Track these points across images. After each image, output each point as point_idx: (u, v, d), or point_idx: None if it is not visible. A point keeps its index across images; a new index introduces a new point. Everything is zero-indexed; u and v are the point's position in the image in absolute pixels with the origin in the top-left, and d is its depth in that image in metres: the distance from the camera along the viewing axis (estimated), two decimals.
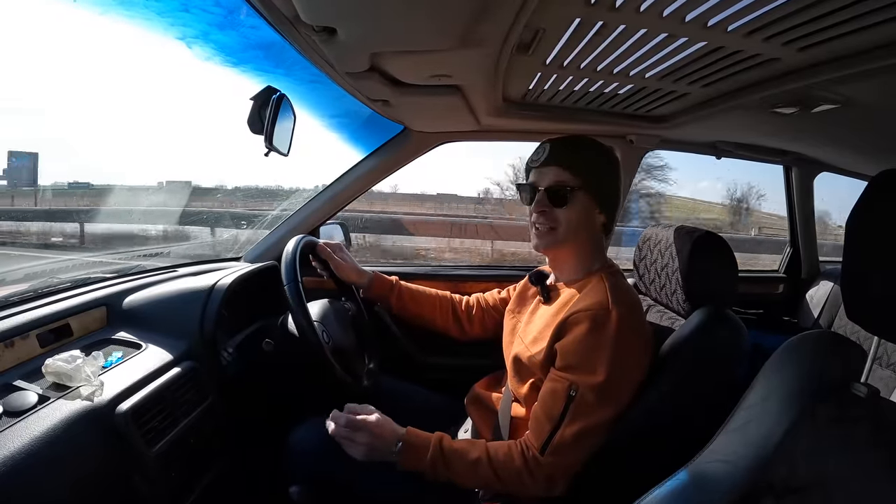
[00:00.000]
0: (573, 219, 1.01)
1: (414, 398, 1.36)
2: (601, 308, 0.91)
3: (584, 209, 1.01)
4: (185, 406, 0.99)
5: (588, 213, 1.02)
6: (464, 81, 1.08)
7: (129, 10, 1.05)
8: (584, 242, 1.04)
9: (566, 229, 1.01)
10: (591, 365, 0.89)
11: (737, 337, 0.99)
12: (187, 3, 1.03)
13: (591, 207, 1.02)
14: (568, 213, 1.00)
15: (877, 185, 0.55)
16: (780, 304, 2.11)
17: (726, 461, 0.61)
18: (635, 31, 0.79)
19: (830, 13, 0.67)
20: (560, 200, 1.00)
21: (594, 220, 1.03)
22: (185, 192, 7.21)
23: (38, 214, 6.65)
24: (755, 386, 0.67)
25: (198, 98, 72.80)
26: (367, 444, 0.95)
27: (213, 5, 1.02)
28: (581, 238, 1.03)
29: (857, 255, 0.58)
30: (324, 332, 1.14)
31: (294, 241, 1.19)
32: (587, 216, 1.02)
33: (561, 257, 1.07)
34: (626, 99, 1.22)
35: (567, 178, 1.00)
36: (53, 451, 0.73)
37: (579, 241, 1.03)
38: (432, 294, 1.38)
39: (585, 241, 1.04)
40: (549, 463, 0.90)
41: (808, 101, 1.01)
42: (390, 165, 1.64)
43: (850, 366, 0.61)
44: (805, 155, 1.84)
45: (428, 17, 0.73)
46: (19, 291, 1.06)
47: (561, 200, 1.00)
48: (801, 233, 2.11)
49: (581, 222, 1.01)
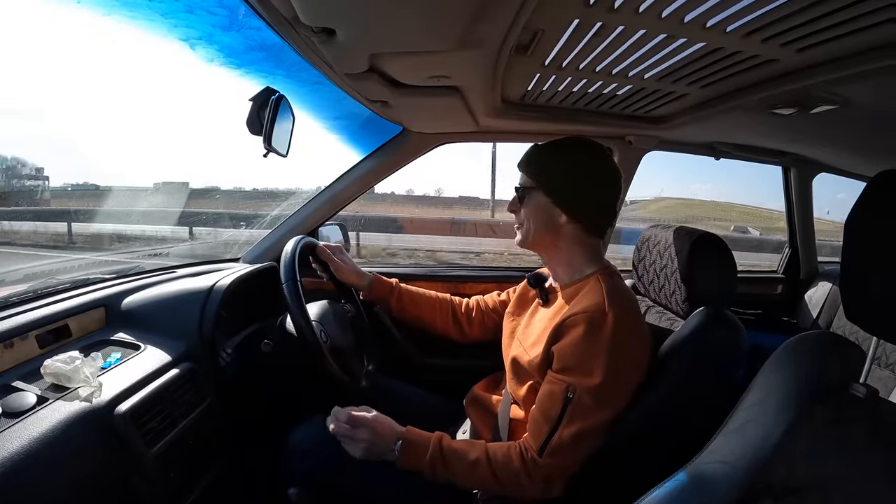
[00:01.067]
0: (531, 217, 1.05)
1: (413, 399, 1.36)
2: (597, 310, 0.92)
3: (540, 209, 1.04)
4: (183, 407, 0.99)
5: (545, 212, 1.03)
6: (462, 82, 1.08)
7: (132, 11, 1.04)
8: (562, 243, 1.05)
9: (527, 227, 1.07)
10: (587, 367, 0.89)
11: (736, 337, 0.99)
12: (191, 5, 1.03)
13: (549, 207, 1.03)
14: (526, 212, 1.06)
15: (875, 186, 0.55)
16: (779, 304, 2.11)
17: (725, 462, 0.61)
18: (634, 31, 0.79)
19: (829, 14, 0.67)
20: (519, 200, 1.07)
21: (555, 219, 1.03)
22: (184, 193, 7.26)
23: (48, 214, 6.71)
24: (754, 387, 0.67)
25: (202, 100, 72.90)
26: (366, 441, 0.95)
27: (218, 6, 1.01)
28: (550, 238, 1.05)
29: (856, 256, 0.58)
30: (321, 332, 1.14)
31: (293, 241, 1.19)
32: (545, 215, 1.03)
33: (550, 258, 1.09)
34: (625, 100, 1.22)
35: (524, 180, 1.07)
36: (52, 452, 0.73)
37: (550, 240, 1.05)
38: (432, 297, 1.39)
39: (562, 242, 1.05)
40: (546, 464, 0.90)
41: (806, 102, 1.01)
42: (389, 166, 1.64)
43: (849, 366, 0.61)
44: (804, 156, 1.84)
45: (426, 19, 0.73)
46: (18, 292, 1.06)
47: (520, 200, 1.07)
48: (799, 233, 2.11)
49: (540, 221, 1.04)
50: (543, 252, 1.09)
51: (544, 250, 1.09)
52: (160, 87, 65.19)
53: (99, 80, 70.58)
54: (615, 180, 1.04)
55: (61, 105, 66.44)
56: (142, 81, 61.75)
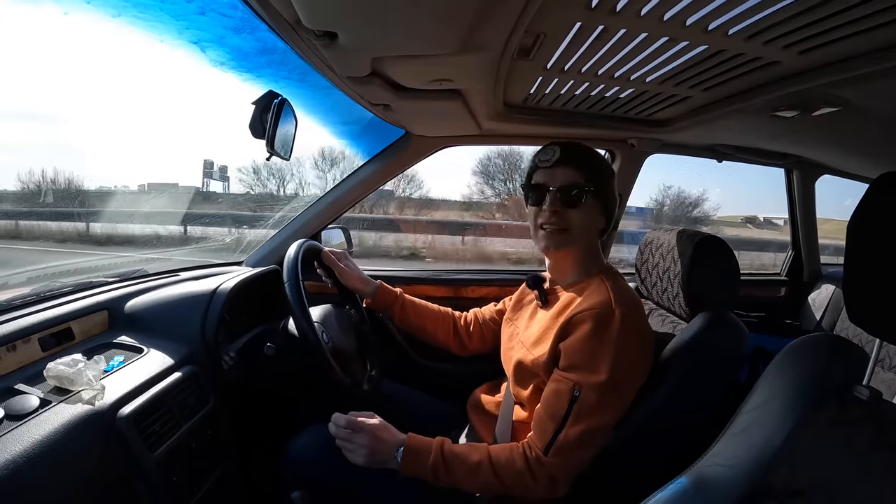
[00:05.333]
0: (584, 220, 1.02)
1: (415, 403, 1.36)
2: (604, 307, 0.92)
3: (593, 212, 1.03)
4: (186, 410, 0.99)
5: (595, 216, 1.04)
6: (465, 86, 1.08)
7: (142, 12, 1.04)
8: (588, 245, 1.06)
9: (579, 231, 1.02)
10: (594, 364, 0.89)
11: (739, 340, 0.99)
12: (204, 7, 1.02)
13: (597, 211, 1.04)
14: (580, 215, 1.01)
15: (878, 188, 0.55)
16: (782, 307, 2.11)
17: (728, 465, 0.60)
18: (636, 35, 0.80)
19: (830, 16, 0.67)
20: (573, 202, 1.01)
21: (598, 223, 1.05)
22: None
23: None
24: (757, 389, 0.67)
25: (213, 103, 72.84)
26: (367, 448, 0.95)
27: (231, 8, 1.01)
28: (587, 240, 1.05)
29: (859, 258, 0.58)
30: (324, 333, 1.14)
31: (296, 244, 1.19)
32: (594, 219, 1.04)
33: (564, 259, 1.08)
34: (627, 103, 1.22)
35: (580, 179, 1.01)
36: (55, 455, 0.73)
37: (586, 243, 1.05)
38: (435, 309, 1.39)
39: (589, 244, 1.06)
40: (552, 464, 0.90)
41: (808, 104, 1.01)
42: (391, 170, 1.64)
43: (852, 368, 0.61)
44: (806, 158, 1.84)
45: (429, 22, 0.73)
46: (22, 295, 1.06)
47: (574, 202, 1.01)
48: (802, 236, 2.11)
49: (590, 225, 1.04)
50: (567, 255, 1.06)
51: (570, 253, 1.06)
52: (176, 93, 65.17)
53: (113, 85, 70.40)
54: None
55: (75, 110, 66.53)
56: (160, 88, 61.61)
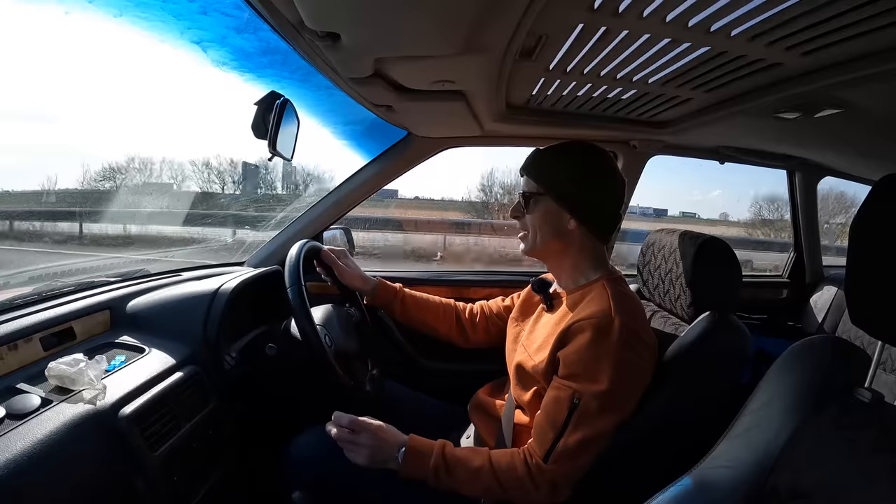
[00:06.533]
0: (538, 224, 1.04)
1: (417, 404, 1.36)
2: (604, 316, 0.91)
3: (548, 214, 1.02)
4: (187, 410, 0.99)
5: (554, 218, 1.02)
6: (467, 87, 1.08)
7: (144, 12, 1.04)
8: (571, 249, 1.04)
9: (533, 234, 1.05)
10: (594, 373, 0.89)
11: (741, 342, 0.99)
12: (206, 6, 1.02)
13: (558, 213, 1.02)
14: (532, 219, 1.04)
15: (880, 190, 0.55)
16: (785, 309, 2.11)
17: (730, 467, 0.60)
18: (638, 36, 0.80)
19: (833, 18, 0.67)
20: (529, 207, 1.05)
21: (564, 225, 1.02)
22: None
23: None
24: (759, 391, 0.67)
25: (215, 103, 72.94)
26: (369, 448, 0.94)
27: (234, 8, 1.00)
28: (559, 244, 1.04)
29: (861, 260, 0.57)
30: (326, 336, 1.14)
31: (298, 245, 1.19)
32: (554, 221, 1.03)
33: (554, 264, 1.08)
34: (630, 104, 1.22)
35: (530, 185, 1.05)
36: (56, 455, 0.73)
37: (559, 247, 1.04)
38: (436, 301, 1.38)
39: (572, 248, 1.04)
40: (552, 470, 0.89)
41: (811, 106, 1.01)
42: (394, 171, 1.64)
43: (855, 371, 0.61)
44: (808, 159, 1.83)
45: (431, 23, 0.73)
46: (23, 294, 1.06)
47: (530, 207, 1.05)
48: (804, 238, 2.11)
49: (548, 228, 1.03)
50: (550, 259, 1.08)
51: (551, 257, 1.08)
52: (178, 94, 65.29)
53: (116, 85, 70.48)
54: (620, 185, 1.04)
55: (76, 110, 66.74)
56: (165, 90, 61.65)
